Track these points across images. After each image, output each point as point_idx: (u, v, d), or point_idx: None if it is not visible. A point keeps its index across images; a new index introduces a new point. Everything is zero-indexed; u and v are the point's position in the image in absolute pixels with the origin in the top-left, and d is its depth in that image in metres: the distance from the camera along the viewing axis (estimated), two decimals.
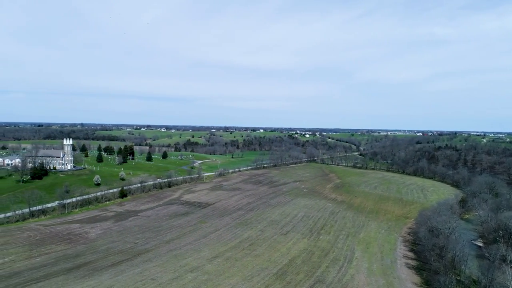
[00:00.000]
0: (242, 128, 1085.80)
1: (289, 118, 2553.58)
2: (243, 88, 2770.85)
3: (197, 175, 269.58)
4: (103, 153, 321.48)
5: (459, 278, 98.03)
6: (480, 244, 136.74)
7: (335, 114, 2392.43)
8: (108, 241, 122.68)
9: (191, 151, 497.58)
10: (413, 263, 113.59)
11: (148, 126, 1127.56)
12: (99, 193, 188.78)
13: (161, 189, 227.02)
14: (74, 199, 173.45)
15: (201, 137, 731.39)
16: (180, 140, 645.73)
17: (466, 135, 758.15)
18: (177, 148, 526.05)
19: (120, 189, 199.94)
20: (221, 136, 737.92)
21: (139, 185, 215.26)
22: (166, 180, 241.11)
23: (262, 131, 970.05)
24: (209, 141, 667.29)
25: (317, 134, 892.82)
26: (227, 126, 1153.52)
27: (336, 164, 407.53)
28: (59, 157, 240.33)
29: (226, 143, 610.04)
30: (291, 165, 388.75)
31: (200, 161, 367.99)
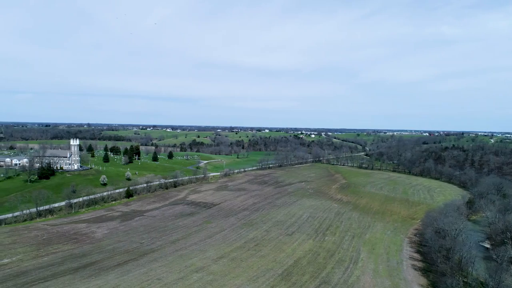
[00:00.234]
0: (247, 128, 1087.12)
1: (294, 118, 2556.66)
2: (248, 88, 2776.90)
3: (202, 175, 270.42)
4: (109, 153, 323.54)
5: (466, 280, 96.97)
6: (487, 245, 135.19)
7: (341, 114, 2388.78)
8: (114, 241, 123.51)
9: (196, 151, 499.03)
10: (419, 264, 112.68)
11: (154, 126, 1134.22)
12: (105, 193, 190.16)
13: (166, 189, 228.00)
14: (81, 199, 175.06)
15: (206, 137, 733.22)
16: (186, 140, 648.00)
17: (474, 135, 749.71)
18: (182, 148, 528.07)
19: (126, 189, 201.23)
20: (226, 136, 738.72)
21: (145, 185, 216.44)
22: (172, 180, 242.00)
23: (267, 131, 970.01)
24: (214, 141, 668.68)
25: (323, 134, 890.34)
26: (232, 126, 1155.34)
27: (342, 164, 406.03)
28: (66, 157, 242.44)
29: (231, 143, 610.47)
30: (296, 166, 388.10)
31: (205, 161, 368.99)
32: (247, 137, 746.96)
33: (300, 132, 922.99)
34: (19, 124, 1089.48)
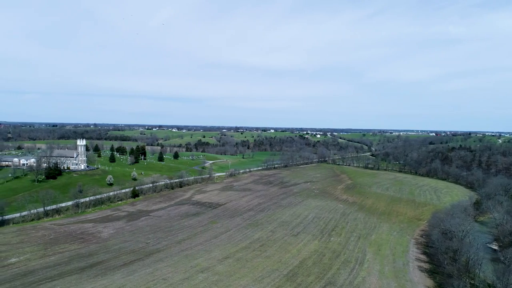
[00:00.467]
0: (253, 128, 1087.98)
1: (300, 118, 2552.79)
2: (254, 88, 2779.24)
3: (208, 176, 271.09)
4: (115, 153, 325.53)
5: (473, 282, 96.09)
6: (495, 247, 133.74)
7: (346, 114, 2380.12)
8: (120, 240, 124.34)
9: (202, 151, 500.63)
10: (425, 266, 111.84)
11: (159, 126, 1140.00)
12: (111, 193, 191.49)
13: (172, 189, 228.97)
14: (87, 199, 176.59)
15: (212, 137, 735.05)
16: (191, 140, 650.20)
17: (481, 135, 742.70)
18: (188, 148, 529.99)
19: (132, 189, 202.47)
20: (232, 136, 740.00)
21: (150, 185, 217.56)
22: (178, 180, 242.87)
23: (272, 131, 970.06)
24: (220, 141, 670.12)
25: (328, 134, 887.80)
26: (238, 126, 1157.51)
27: (348, 164, 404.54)
28: (73, 157, 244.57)
29: (237, 143, 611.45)
30: (302, 166, 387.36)
31: (211, 162, 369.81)
32: (253, 137, 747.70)
33: (305, 132, 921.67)
34: (27, 124, 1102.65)
